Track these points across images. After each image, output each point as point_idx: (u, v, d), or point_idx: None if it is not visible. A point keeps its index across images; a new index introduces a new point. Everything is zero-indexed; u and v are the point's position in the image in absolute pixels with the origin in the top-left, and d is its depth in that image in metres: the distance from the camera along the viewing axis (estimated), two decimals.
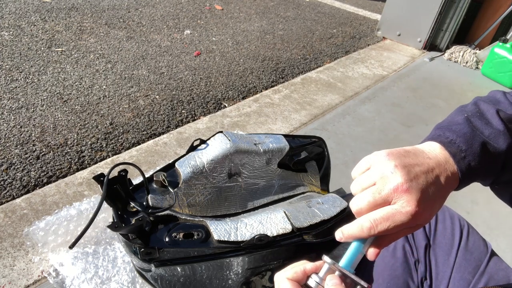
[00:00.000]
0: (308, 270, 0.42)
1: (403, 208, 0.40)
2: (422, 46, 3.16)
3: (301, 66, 2.59)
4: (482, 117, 0.47)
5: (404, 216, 0.39)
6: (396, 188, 0.40)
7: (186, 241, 0.75)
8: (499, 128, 0.45)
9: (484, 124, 0.46)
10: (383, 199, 0.41)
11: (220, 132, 0.97)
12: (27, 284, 0.94)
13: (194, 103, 1.94)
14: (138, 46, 2.46)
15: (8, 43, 2.20)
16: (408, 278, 0.68)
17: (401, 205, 0.40)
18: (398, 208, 0.40)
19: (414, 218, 0.40)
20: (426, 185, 0.41)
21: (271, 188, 1.02)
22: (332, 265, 0.41)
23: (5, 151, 1.41)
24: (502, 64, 2.70)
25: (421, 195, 0.40)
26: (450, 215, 0.74)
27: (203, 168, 0.90)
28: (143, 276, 0.81)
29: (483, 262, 0.67)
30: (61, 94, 1.81)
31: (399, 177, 0.40)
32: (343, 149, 1.66)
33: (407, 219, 0.39)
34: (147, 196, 0.82)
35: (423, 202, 0.40)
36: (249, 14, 3.49)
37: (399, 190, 0.40)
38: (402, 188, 0.40)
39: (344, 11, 4.13)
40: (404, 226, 0.40)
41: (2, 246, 1.01)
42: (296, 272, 0.42)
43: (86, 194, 1.23)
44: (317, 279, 0.41)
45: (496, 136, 0.45)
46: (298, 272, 0.42)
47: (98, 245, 1.01)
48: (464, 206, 1.45)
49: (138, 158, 1.43)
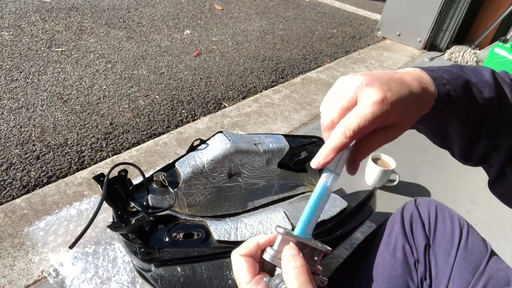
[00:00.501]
0: (262, 244, 0.40)
1: (369, 99, 0.37)
2: (422, 46, 3.16)
3: (301, 66, 2.59)
4: (475, 70, 0.47)
5: (372, 107, 0.37)
6: (360, 85, 0.39)
7: (186, 241, 0.75)
8: (488, 80, 0.45)
9: (474, 74, 0.46)
10: (350, 100, 0.39)
11: (220, 132, 0.97)
12: (27, 284, 0.94)
13: (194, 103, 1.94)
14: (138, 46, 2.46)
15: (8, 43, 2.20)
16: (408, 278, 0.68)
17: (367, 97, 0.38)
18: (365, 101, 0.38)
19: (381, 108, 0.37)
20: (391, 80, 0.39)
21: (271, 188, 1.02)
22: (285, 235, 0.38)
23: (5, 151, 1.41)
24: (502, 64, 2.70)
25: (386, 87, 0.38)
26: (450, 215, 0.75)
27: (203, 168, 0.90)
28: (143, 276, 0.81)
29: (483, 262, 0.67)
30: (61, 94, 1.81)
31: (361, 76, 0.39)
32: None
33: (376, 110, 0.37)
34: (147, 196, 0.82)
35: (388, 91, 0.38)
36: (249, 14, 3.49)
37: (362, 85, 0.38)
38: (366, 82, 0.38)
39: (344, 11, 4.13)
40: (376, 121, 0.37)
41: (2, 246, 1.02)
42: (249, 247, 0.40)
43: (86, 194, 1.23)
44: (272, 251, 0.38)
45: (483, 86, 0.44)
46: (251, 247, 0.40)
47: (98, 245, 1.01)
48: (464, 206, 1.45)
49: (138, 158, 1.43)
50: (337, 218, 0.88)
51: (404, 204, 0.80)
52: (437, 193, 1.50)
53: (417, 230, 0.73)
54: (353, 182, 1.45)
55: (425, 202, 0.78)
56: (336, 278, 0.86)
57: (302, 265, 0.36)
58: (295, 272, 0.35)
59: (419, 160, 1.68)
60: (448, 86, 0.42)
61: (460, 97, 0.43)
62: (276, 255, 0.38)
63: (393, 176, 1.43)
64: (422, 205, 0.77)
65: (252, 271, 0.38)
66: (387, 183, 1.44)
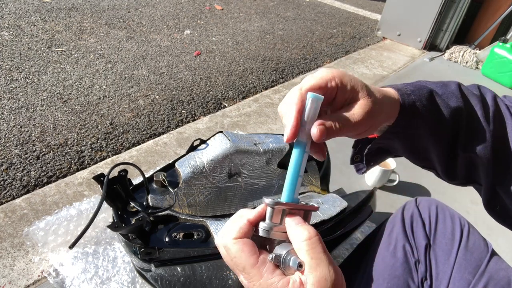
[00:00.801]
0: (253, 220, 0.37)
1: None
2: (422, 46, 3.16)
3: (301, 66, 2.59)
4: (441, 83, 0.47)
5: (319, 70, 0.39)
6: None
7: (186, 241, 0.75)
8: (454, 91, 0.45)
9: (439, 86, 0.46)
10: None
11: (220, 132, 0.97)
12: (27, 284, 0.94)
13: (194, 103, 1.94)
14: (138, 46, 2.46)
15: (8, 43, 2.19)
16: (408, 278, 0.68)
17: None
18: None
19: (328, 70, 0.39)
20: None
21: (271, 188, 1.02)
22: (276, 205, 0.36)
23: (5, 151, 1.41)
24: (502, 64, 2.70)
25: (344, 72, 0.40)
26: (450, 214, 0.74)
27: (203, 168, 0.90)
28: (143, 276, 0.81)
29: (484, 262, 0.66)
30: (61, 94, 1.81)
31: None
32: (343, 149, 1.66)
33: (323, 70, 0.39)
34: (147, 196, 0.82)
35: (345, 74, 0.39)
36: (249, 14, 3.49)
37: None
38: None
39: (344, 11, 4.13)
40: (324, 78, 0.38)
41: (2, 246, 1.01)
42: (241, 227, 0.36)
43: (86, 194, 1.22)
44: (267, 226, 0.36)
45: (449, 96, 0.44)
46: (242, 227, 0.36)
47: (98, 245, 1.01)
48: (464, 206, 1.45)
49: (138, 158, 1.43)
50: (337, 218, 0.88)
51: (405, 204, 0.80)
52: (437, 193, 1.50)
53: (417, 230, 0.73)
54: (353, 182, 1.46)
55: (426, 202, 0.78)
56: None
57: (315, 235, 0.34)
58: (308, 243, 0.33)
59: None
60: (412, 96, 0.43)
61: (425, 107, 0.43)
62: (271, 228, 0.36)
63: (393, 176, 1.43)
64: (422, 205, 0.77)
65: (255, 252, 0.35)
66: (387, 183, 1.44)
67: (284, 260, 0.34)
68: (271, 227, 0.36)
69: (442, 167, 0.48)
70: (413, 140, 0.45)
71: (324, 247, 0.34)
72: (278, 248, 0.36)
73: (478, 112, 0.45)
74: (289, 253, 0.35)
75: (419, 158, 0.49)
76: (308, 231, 0.34)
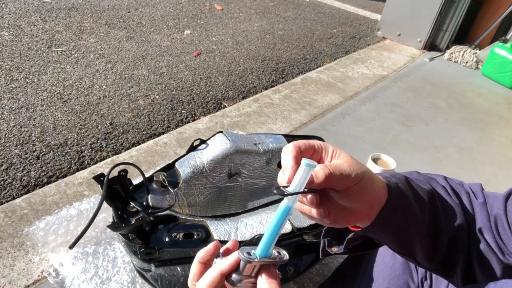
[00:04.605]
0: (225, 273, 0.40)
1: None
2: (422, 46, 3.16)
3: (301, 66, 2.59)
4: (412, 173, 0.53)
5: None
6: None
7: (186, 241, 0.75)
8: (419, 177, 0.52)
9: (408, 174, 0.52)
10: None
11: (220, 132, 0.97)
12: (27, 284, 0.94)
13: (194, 103, 1.94)
14: (138, 46, 2.46)
15: (8, 43, 2.20)
16: (408, 278, 0.68)
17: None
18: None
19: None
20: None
21: (271, 188, 1.02)
22: (249, 262, 0.39)
23: (5, 151, 1.41)
24: (502, 64, 2.70)
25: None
26: None
27: (203, 168, 0.90)
28: (143, 276, 0.81)
29: None
30: (61, 94, 1.81)
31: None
32: (343, 149, 1.66)
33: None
34: (147, 196, 0.82)
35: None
36: (249, 14, 3.49)
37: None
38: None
39: (344, 11, 4.13)
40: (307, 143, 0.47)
41: (2, 246, 1.01)
42: (213, 280, 0.40)
43: (86, 194, 1.23)
44: (238, 278, 0.40)
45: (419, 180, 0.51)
46: (215, 280, 0.40)
47: (98, 245, 1.01)
48: None
49: (138, 158, 1.43)
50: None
51: None
52: None
53: None
54: None
55: None
56: (336, 278, 0.86)
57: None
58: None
59: (419, 160, 1.68)
60: (393, 179, 0.48)
61: (406, 188, 0.47)
62: (243, 280, 0.40)
63: None
64: None
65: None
66: None
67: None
68: (241, 280, 0.40)
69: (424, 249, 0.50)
70: (402, 224, 0.47)
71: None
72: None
73: (441, 191, 0.51)
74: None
75: (403, 244, 0.50)
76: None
